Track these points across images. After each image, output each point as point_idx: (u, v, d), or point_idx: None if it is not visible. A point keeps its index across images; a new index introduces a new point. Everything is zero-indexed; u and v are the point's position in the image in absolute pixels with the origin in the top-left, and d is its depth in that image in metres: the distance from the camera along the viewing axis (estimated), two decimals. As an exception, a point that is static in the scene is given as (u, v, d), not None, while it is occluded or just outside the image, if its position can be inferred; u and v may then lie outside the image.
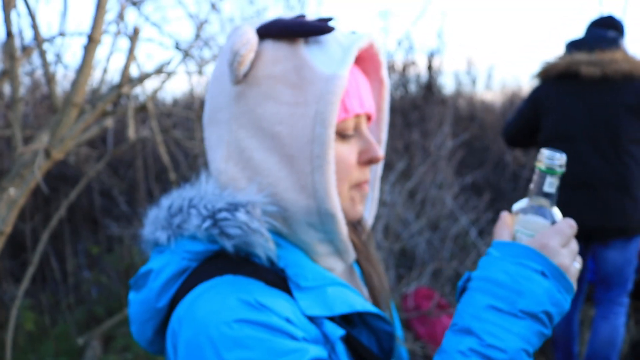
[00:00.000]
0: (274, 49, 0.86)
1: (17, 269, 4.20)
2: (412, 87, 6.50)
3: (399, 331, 1.08)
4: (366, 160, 0.91)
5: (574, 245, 0.87)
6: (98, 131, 2.15)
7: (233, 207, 0.84)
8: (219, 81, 0.91)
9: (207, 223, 0.84)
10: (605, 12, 3.12)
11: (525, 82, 10.03)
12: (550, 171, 0.87)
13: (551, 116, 3.03)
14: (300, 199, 0.86)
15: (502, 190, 5.66)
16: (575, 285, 0.84)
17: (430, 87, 6.40)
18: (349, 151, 0.89)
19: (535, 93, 3.16)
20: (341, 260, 0.95)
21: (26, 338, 3.59)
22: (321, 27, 0.86)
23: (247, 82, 0.87)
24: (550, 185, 0.88)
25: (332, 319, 0.84)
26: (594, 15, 3.11)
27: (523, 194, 5.47)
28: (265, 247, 0.84)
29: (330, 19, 0.91)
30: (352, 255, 0.94)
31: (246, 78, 0.87)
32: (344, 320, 0.87)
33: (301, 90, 0.84)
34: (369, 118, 0.95)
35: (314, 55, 0.86)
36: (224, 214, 0.84)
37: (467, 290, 0.85)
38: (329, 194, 0.84)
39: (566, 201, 2.97)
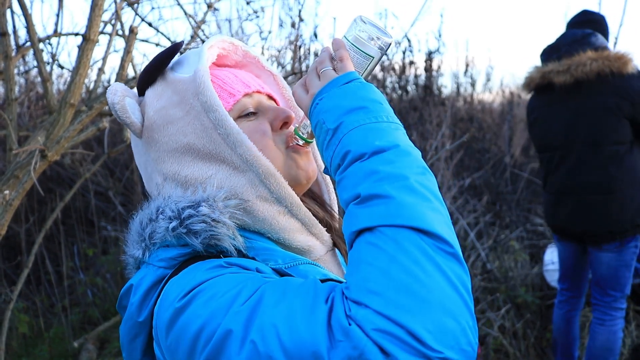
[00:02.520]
0: (153, 90, 0.97)
1: (12, 272, 4.16)
2: (411, 89, 6.47)
3: None
4: (281, 124, 0.97)
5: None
6: (94, 132, 2.12)
7: (196, 204, 0.86)
8: (134, 145, 1.04)
9: (174, 223, 0.85)
10: (581, 8, 3.08)
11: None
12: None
13: (536, 128, 3.09)
14: (240, 176, 0.90)
15: (501, 192, 5.64)
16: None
17: (428, 88, 6.37)
18: (259, 124, 0.96)
19: (528, 103, 3.22)
20: (314, 237, 0.96)
21: (20, 341, 3.55)
22: (168, 50, 0.97)
23: (147, 128, 0.96)
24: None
25: None
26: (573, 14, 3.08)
27: (522, 195, 5.45)
28: (231, 237, 0.85)
29: (181, 43, 1.00)
30: (321, 230, 0.97)
31: (144, 127, 0.96)
32: None
33: (183, 101, 0.93)
34: (271, 99, 1.03)
35: (180, 72, 0.96)
36: (188, 211, 0.85)
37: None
38: (255, 156, 0.90)
39: (554, 208, 3.03)
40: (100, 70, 2.39)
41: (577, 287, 3.15)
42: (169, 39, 2.49)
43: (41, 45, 2.75)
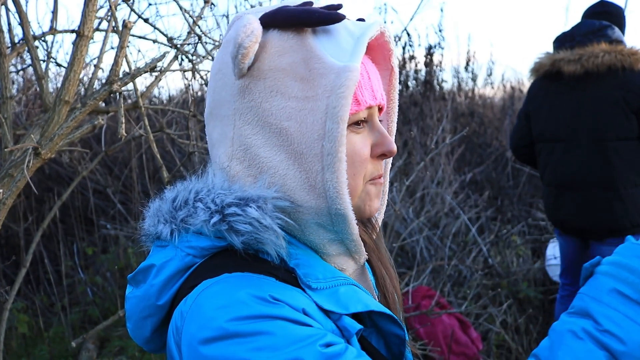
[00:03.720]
0: (280, 40, 0.82)
1: (11, 271, 4.14)
2: (411, 84, 6.44)
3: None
4: (380, 154, 0.87)
5: None
6: (90, 129, 2.09)
7: (243, 202, 0.80)
8: (222, 74, 0.86)
9: (215, 218, 0.79)
10: (582, 3, 3.07)
11: (526, 77, 10.00)
12: None
13: (538, 116, 2.99)
14: (309, 199, 0.82)
15: (502, 187, 5.61)
16: None
17: (429, 83, 6.34)
18: (363, 144, 0.85)
19: (529, 89, 3.13)
20: (352, 260, 0.91)
21: (20, 341, 3.53)
22: (331, 16, 0.81)
23: (252, 76, 0.82)
24: None
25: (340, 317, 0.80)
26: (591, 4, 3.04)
27: (524, 190, 5.42)
28: (276, 244, 0.79)
29: (339, 6, 0.85)
30: (363, 255, 0.90)
31: (250, 71, 0.82)
32: (355, 320, 0.82)
33: (311, 84, 0.80)
34: (380, 109, 0.91)
35: (324, 46, 0.81)
36: (233, 209, 0.79)
37: (594, 274, 0.79)
38: (340, 194, 0.80)
39: (555, 202, 2.96)
40: (97, 67, 2.36)
41: (578, 280, 3.12)
42: (165, 35, 2.46)
43: (36, 43, 2.72)
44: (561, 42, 2.94)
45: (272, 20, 0.82)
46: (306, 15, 0.81)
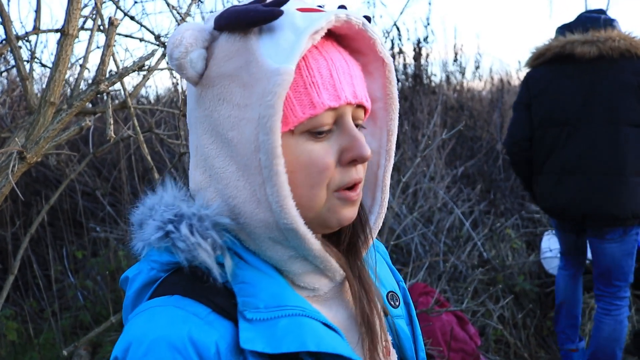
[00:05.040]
0: (227, 43, 0.77)
1: (-1, 277, 4.06)
2: (400, 78, 6.41)
3: (408, 342, 0.95)
4: (349, 160, 0.78)
5: None
6: (77, 131, 2.03)
7: (177, 220, 0.78)
8: (189, 93, 0.85)
9: (158, 234, 0.78)
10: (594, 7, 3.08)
11: (514, 69, 10.00)
12: None
13: (544, 100, 2.92)
14: (258, 212, 0.77)
15: (494, 180, 5.59)
16: None
17: (418, 77, 6.31)
18: (324, 151, 0.77)
19: (527, 77, 3.05)
20: (326, 278, 0.84)
21: (9, 349, 3.46)
22: (267, 13, 0.74)
23: (202, 84, 0.80)
24: None
25: (273, 356, 0.74)
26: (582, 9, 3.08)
27: (516, 182, 5.41)
28: (209, 264, 0.76)
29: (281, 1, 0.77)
30: (337, 271, 0.83)
31: (202, 79, 0.79)
32: (293, 358, 0.76)
33: (249, 91, 0.74)
34: (364, 109, 0.82)
35: (265, 47, 0.74)
36: (170, 226, 0.78)
37: None
38: (284, 208, 0.74)
39: (557, 186, 2.89)
40: (82, 67, 2.30)
41: (579, 259, 3.15)
42: (152, 32, 2.40)
43: (19, 43, 2.65)
44: (571, 27, 2.90)
45: (219, 23, 0.77)
46: (244, 13, 0.75)
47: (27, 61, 2.86)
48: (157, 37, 2.29)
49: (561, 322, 3.15)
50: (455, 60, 6.95)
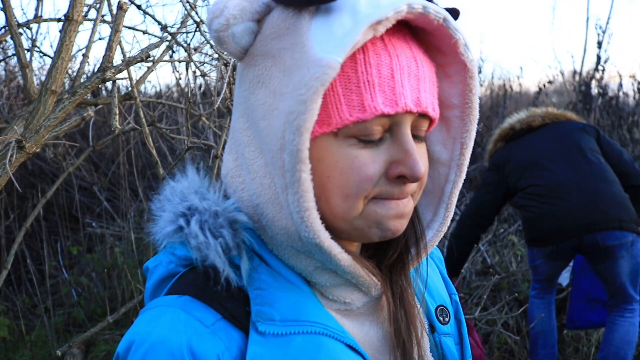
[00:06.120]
0: (279, 19, 0.67)
1: (-9, 271, 3.96)
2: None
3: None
4: (396, 175, 0.67)
5: None
6: (78, 122, 1.95)
7: (190, 214, 0.71)
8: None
9: (171, 227, 0.71)
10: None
11: (515, 75, 9.99)
12: None
13: (510, 163, 3.15)
14: (280, 217, 0.68)
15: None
16: None
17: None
18: (370, 160, 0.66)
19: (490, 164, 3.32)
20: (360, 292, 0.74)
21: (0, 345, 3.37)
22: None
23: (245, 61, 0.71)
24: None
25: None
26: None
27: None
28: (219, 266, 0.68)
29: None
30: (374, 286, 0.74)
31: (247, 55, 0.71)
32: None
33: (288, 78, 0.65)
34: (430, 120, 0.71)
35: (316, 31, 0.64)
36: (181, 221, 0.71)
37: None
38: (305, 220, 0.64)
39: (554, 207, 2.95)
40: (85, 57, 2.22)
41: (554, 286, 3.18)
42: (159, 23, 2.32)
43: (20, 31, 2.57)
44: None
45: None
46: None
47: (28, 50, 2.78)
48: (164, 28, 2.21)
49: (539, 353, 3.11)
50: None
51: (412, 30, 0.70)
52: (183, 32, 2.32)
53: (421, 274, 0.84)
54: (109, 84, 3.42)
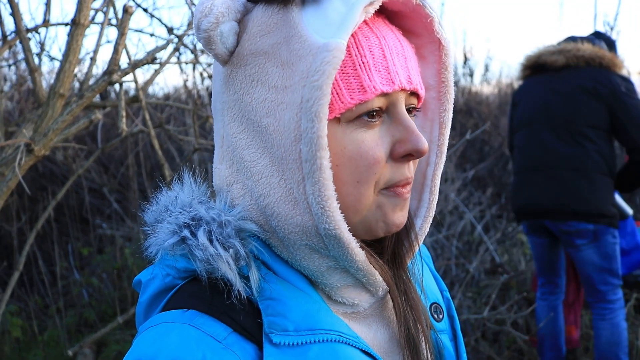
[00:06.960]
0: (264, 17, 0.68)
1: (4, 273, 4.01)
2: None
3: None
4: (403, 154, 0.68)
5: None
6: (87, 124, 1.97)
7: (195, 224, 0.69)
8: (215, 71, 0.76)
9: (173, 239, 0.69)
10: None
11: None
12: None
13: (519, 107, 3.11)
14: (294, 214, 0.67)
15: (504, 183, 5.52)
16: None
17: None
18: (375, 142, 0.67)
19: (513, 92, 3.29)
20: (367, 292, 0.74)
21: (13, 345, 3.41)
22: None
23: (233, 63, 0.70)
24: None
25: None
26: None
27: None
28: (231, 278, 0.66)
29: None
30: (380, 286, 0.73)
31: (233, 57, 0.70)
32: None
33: (290, 70, 0.65)
34: (417, 97, 0.72)
35: (309, 20, 0.65)
36: (186, 232, 0.68)
37: None
38: (327, 210, 0.64)
39: (523, 183, 2.99)
40: (92, 60, 2.25)
41: (555, 280, 3.13)
42: (165, 25, 2.34)
43: (29, 36, 2.60)
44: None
45: None
46: None
47: (37, 54, 2.81)
48: (170, 30, 2.24)
49: (546, 355, 3.12)
50: (465, 63, 6.88)
51: (388, 14, 0.73)
52: (189, 34, 2.35)
53: (414, 271, 0.83)
54: (117, 86, 3.46)
